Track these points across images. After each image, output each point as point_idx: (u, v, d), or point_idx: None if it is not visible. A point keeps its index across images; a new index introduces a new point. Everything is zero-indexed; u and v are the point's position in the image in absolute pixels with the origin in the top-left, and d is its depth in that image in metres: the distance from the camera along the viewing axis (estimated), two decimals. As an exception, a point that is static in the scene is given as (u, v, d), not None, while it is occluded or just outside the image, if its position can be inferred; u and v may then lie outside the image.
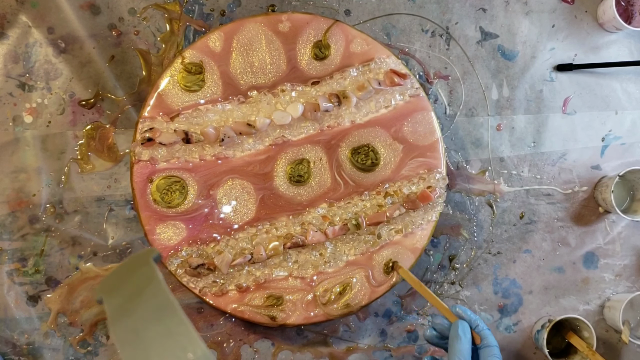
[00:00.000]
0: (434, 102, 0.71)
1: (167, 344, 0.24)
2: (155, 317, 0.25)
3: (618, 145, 0.74)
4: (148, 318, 0.25)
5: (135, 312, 0.26)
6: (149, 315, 0.26)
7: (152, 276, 0.27)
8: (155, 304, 0.26)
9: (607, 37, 0.73)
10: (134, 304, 0.26)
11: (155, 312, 0.26)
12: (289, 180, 0.65)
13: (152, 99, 0.63)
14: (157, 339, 0.25)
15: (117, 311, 0.27)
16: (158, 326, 0.25)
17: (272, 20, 0.65)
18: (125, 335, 0.26)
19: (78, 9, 0.66)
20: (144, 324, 0.25)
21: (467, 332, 0.53)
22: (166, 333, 0.24)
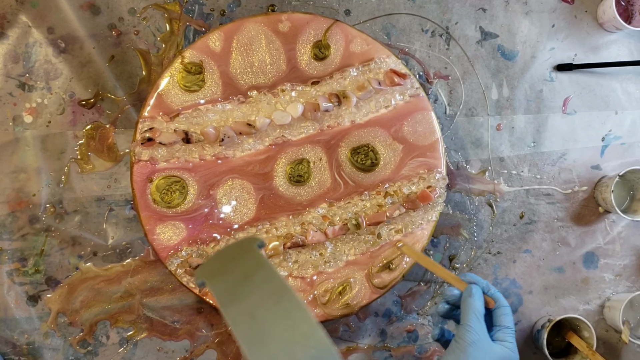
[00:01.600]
0: (434, 102, 0.71)
1: (285, 325, 0.24)
2: (271, 300, 0.25)
3: (618, 145, 0.74)
4: (263, 301, 0.26)
5: (248, 296, 0.26)
6: (264, 299, 0.26)
7: (260, 262, 0.27)
8: (270, 289, 0.26)
9: (607, 37, 0.73)
10: (244, 288, 0.26)
11: (270, 296, 0.26)
12: (289, 180, 0.65)
13: (152, 99, 0.63)
14: (275, 320, 0.25)
15: (226, 295, 0.27)
16: (275, 309, 0.25)
17: (272, 20, 0.65)
18: (240, 317, 0.26)
19: (78, 9, 0.66)
20: (259, 307, 0.25)
21: (479, 293, 0.53)
22: (284, 315, 0.25)
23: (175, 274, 0.63)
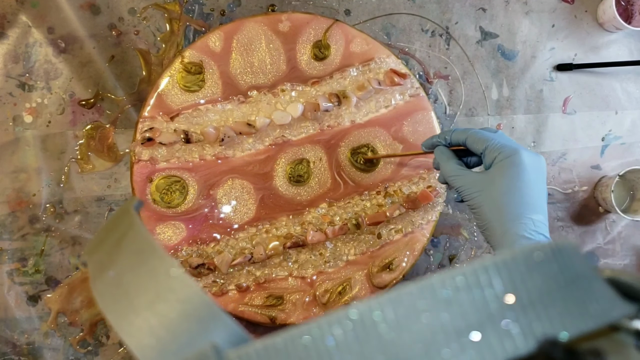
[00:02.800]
0: (434, 102, 0.71)
1: (150, 285, 0.22)
2: (137, 261, 0.23)
3: (618, 145, 0.74)
4: (130, 265, 0.23)
5: (113, 263, 0.23)
6: (131, 262, 0.23)
7: (131, 223, 0.24)
8: (136, 249, 0.23)
9: (607, 37, 0.73)
10: (113, 255, 0.24)
11: (136, 256, 0.23)
12: (289, 180, 0.65)
13: (152, 99, 0.63)
14: (140, 282, 0.22)
15: (97, 268, 0.24)
16: (140, 270, 0.22)
17: (272, 20, 0.65)
18: (105, 288, 0.23)
19: (78, 9, 0.66)
20: (126, 272, 0.23)
21: (444, 151, 0.52)
22: (149, 274, 0.22)
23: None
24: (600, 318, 0.20)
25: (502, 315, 0.19)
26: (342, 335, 0.18)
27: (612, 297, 0.21)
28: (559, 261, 0.20)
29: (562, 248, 0.21)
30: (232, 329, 0.20)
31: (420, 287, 0.19)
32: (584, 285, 0.20)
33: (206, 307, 0.20)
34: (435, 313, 0.18)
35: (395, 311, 0.18)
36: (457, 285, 0.19)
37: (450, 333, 0.18)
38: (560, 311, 0.19)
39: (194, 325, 0.20)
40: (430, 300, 0.19)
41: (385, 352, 0.18)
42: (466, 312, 0.18)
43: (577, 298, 0.20)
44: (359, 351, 0.18)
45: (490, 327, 0.18)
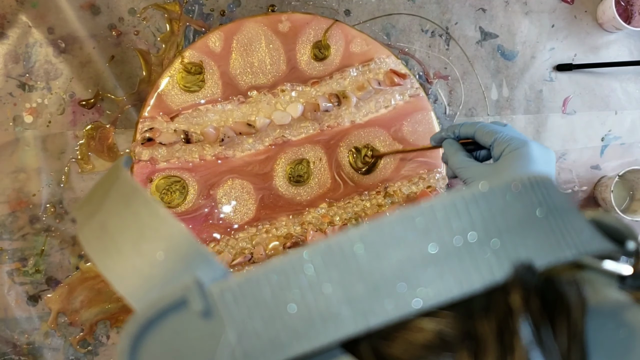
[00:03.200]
0: (434, 102, 0.71)
1: (134, 227, 0.22)
2: (121, 205, 0.23)
3: (618, 145, 0.74)
4: (115, 209, 0.23)
5: (101, 210, 0.23)
6: (116, 207, 0.23)
7: (118, 174, 0.24)
8: (122, 194, 0.23)
9: (607, 37, 0.73)
10: (99, 205, 0.24)
11: (121, 201, 0.23)
12: (289, 180, 0.65)
13: (152, 99, 0.63)
14: (124, 225, 0.22)
15: (84, 217, 0.24)
16: (125, 213, 0.22)
17: (272, 20, 0.65)
18: (91, 234, 0.23)
19: (78, 9, 0.66)
20: (110, 217, 0.23)
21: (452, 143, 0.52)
22: (133, 217, 0.22)
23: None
24: (578, 249, 0.20)
25: (479, 243, 0.19)
26: (321, 264, 0.18)
27: (591, 231, 0.22)
28: (537, 193, 0.20)
29: (541, 180, 0.21)
30: (215, 266, 0.20)
31: (399, 217, 0.19)
32: (563, 217, 0.21)
33: (190, 244, 0.21)
34: (413, 242, 0.19)
35: (374, 240, 0.19)
36: (436, 216, 0.19)
37: (428, 260, 0.18)
38: (538, 240, 0.19)
39: (178, 263, 0.21)
40: (408, 230, 0.19)
41: (365, 279, 0.18)
42: (444, 241, 0.19)
43: (555, 228, 0.20)
44: (338, 279, 0.18)
45: (468, 255, 0.18)
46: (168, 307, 0.19)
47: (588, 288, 0.22)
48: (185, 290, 0.19)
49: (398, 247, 0.19)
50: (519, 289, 0.18)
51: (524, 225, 0.19)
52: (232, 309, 0.19)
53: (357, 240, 0.19)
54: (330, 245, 0.19)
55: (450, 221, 0.19)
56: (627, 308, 0.20)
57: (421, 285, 0.18)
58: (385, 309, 0.18)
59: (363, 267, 0.18)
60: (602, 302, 0.21)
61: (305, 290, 0.18)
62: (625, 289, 0.22)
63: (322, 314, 0.18)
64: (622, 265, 0.22)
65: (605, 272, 0.23)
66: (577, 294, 0.19)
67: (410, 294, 0.18)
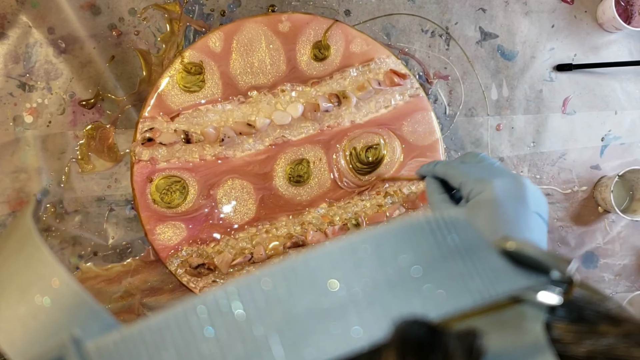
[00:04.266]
0: (434, 102, 0.71)
1: (25, 273, 0.21)
2: (15, 250, 0.22)
3: (617, 145, 0.74)
4: (8, 254, 0.22)
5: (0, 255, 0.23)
6: (9, 251, 0.22)
7: (19, 215, 0.23)
8: (17, 238, 0.22)
9: (607, 37, 0.73)
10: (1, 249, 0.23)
11: (15, 246, 0.22)
12: (289, 180, 0.65)
13: (152, 99, 0.63)
14: (17, 271, 0.21)
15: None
16: (18, 258, 0.21)
17: (272, 20, 0.65)
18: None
19: (78, 9, 0.66)
20: (4, 262, 0.22)
21: (430, 183, 0.51)
22: (25, 262, 0.21)
23: (176, 273, 0.63)
24: (480, 294, 0.19)
25: (366, 296, 0.17)
26: (197, 324, 0.18)
27: (500, 270, 0.20)
28: (437, 235, 0.19)
29: (442, 220, 0.19)
30: (104, 319, 0.19)
31: (281, 269, 0.18)
32: (465, 258, 0.19)
33: (76, 296, 0.20)
34: (295, 296, 0.17)
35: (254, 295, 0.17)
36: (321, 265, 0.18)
37: (313, 315, 0.17)
38: (435, 288, 0.18)
39: (64, 315, 0.20)
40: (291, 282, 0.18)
41: (245, 340, 0.17)
42: (329, 293, 0.17)
43: (455, 273, 0.19)
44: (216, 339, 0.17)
45: (353, 308, 0.17)
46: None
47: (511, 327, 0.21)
48: (61, 349, 0.18)
49: (280, 302, 0.17)
50: (394, 349, 0.16)
51: (419, 272, 0.18)
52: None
53: (235, 295, 0.17)
54: (206, 301, 0.18)
55: (336, 270, 0.17)
56: (539, 353, 0.19)
57: (305, 344, 0.17)
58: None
59: (241, 326, 0.17)
60: (516, 346, 0.20)
61: (181, 351, 0.17)
62: (554, 321, 0.21)
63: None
64: (549, 295, 0.21)
65: (538, 304, 0.21)
66: (466, 348, 0.17)
67: (293, 353, 0.17)
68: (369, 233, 0.18)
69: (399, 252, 0.18)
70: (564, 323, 0.21)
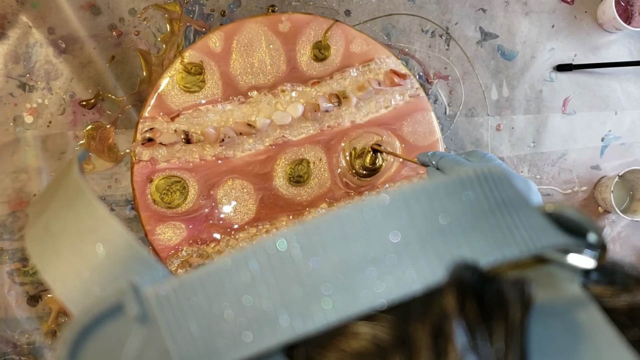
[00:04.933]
0: (434, 102, 0.71)
1: (75, 227, 0.21)
2: (66, 205, 0.22)
3: (618, 146, 0.74)
4: (59, 209, 0.22)
5: (47, 210, 0.23)
6: (60, 207, 0.22)
7: (67, 171, 0.24)
8: (67, 193, 0.22)
9: (607, 37, 0.73)
10: (48, 204, 0.23)
11: (66, 200, 0.22)
12: (289, 180, 0.65)
13: (152, 99, 0.63)
14: (66, 225, 0.21)
15: (33, 217, 0.23)
16: (68, 213, 0.22)
17: (272, 20, 0.65)
18: (35, 235, 0.22)
19: (78, 9, 0.66)
20: (54, 217, 0.22)
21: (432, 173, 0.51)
22: (75, 216, 0.21)
23: (176, 274, 0.63)
24: (527, 246, 0.19)
25: (420, 242, 0.18)
26: (258, 268, 0.18)
27: (544, 226, 0.21)
28: (485, 187, 0.19)
29: (489, 174, 0.20)
30: (156, 269, 0.20)
31: (337, 216, 0.18)
32: (513, 212, 0.19)
33: (128, 247, 0.20)
34: (352, 242, 0.18)
35: (311, 240, 0.18)
36: (375, 214, 0.18)
37: (367, 261, 0.18)
38: (483, 237, 0.18)
39: (117, 266, 0.20)
40: (347, 229, 0.18)
41: (302, 282, 0.17)
42: (383, 241, 0.18)
43: (503, 224, 0.19)
44: (275, 283, 0.18)
45: (407, 254, 0.18)
46: (104, 312, 0.19)
47: (545, 283, 0.21)
48: (121, 295, 0.19)
49: (336, 247, 0.18)
50: (454, 290, 0.17)
51: (468, 222, 0.18)
52: (167, 314, 0.18)
53: (293, 240, 0.18)
54: (265, 246, 0.18)
55: (390, 219, 0.18)
56: (582, 306, 0.20)
57: (360, 287, 0.17)
58: (323, 312, 0.17)
59: (300, 269, 0.18)
60: (556, 299, 0.20)
61: (241, 295, 0.18)
62: (589, 284, 0.21)
63: (259, 319, 0.17)
64: (584, 259, 0.21)
65: (569, 267, 0.22)
66: (519, 294, 0.18)
67: (348, 296, 0.17)
68: (421, 187, 0.18)
69: (449, 204, 0.18)
70: (598, 285, 0.21)
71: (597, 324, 0.19)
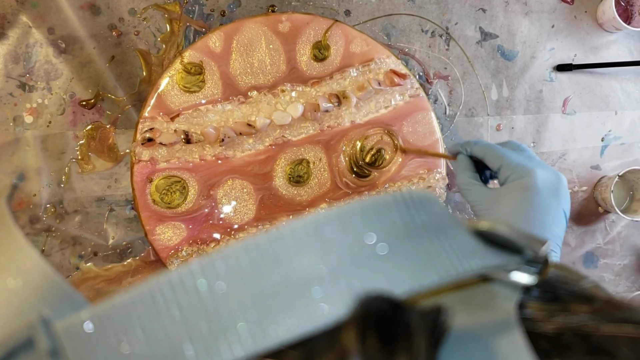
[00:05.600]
0: (434, 102, 0.71)
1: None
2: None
3: (617, 145, 0.74)
4: None
5: None
6: None
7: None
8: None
9: (607, 37, 0.73)
10: None
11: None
12: (289, 180, 0.65)
13: (152, 99, 0.63)
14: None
15: None
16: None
17: (272, 20, 0.65)
18: None
19: (78, 9, 0.66)
20: None
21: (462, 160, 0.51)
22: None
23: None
24: (447, 272, 0.18)
25: (331, 273, 0.17)
26: (163, 302, 0.17)
27: (472, 248, 0.20)
28: (404, 212, 0.19)
29: (410, 198, 0.19)
30: (73, 300, 0.19)
31: (245, 246, 0.18)
32: (437, 235, 0.19)
33: (45, 276, 0.20)
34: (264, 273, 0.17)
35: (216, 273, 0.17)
36: (285, 243, 0.17)
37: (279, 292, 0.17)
38: (400, 265, 0.18)
39: (34, 296, 0.19)
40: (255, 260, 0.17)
41: (208, 316, 0.17)
42: (295, 271, 0.17)
43: (421, 251, 0.18)
44: (180, 318, 0.17)
45: (319, 285, 0.17)
46: (16, 346, 0.18)
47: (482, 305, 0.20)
48: (30, 329, 0.18)
49: (243, 280, 0.17)
50: (355, 325, 0.16)
51: (385, 249, 0.18)
52: (77, 349, 0.18)
53: (199, 274, 0.17)
54: (171, 280, 0.17)
55: (300, 250, 0.17)
56: (507, 330, 0.19)
57: (269, 321, 0.17)
58: (230, 348, 0.17)
59: (207, 303, 0.17)
60: (483, 323, 0.19)
61: (147, 329, 0.17)
62: (529, 300, 0.20)
63: (165, 355, 0.17)
64: (521, 276, 0.21)
65: (511, 284, 0.21)
66: (430, 323, 0.17)
67: (257, 331, 0.17)
68: (335, 211, 0.18)
69: (364, 230, 0.18)
70: (537, 302, 0.20)
71: (517, 351, 0.18)
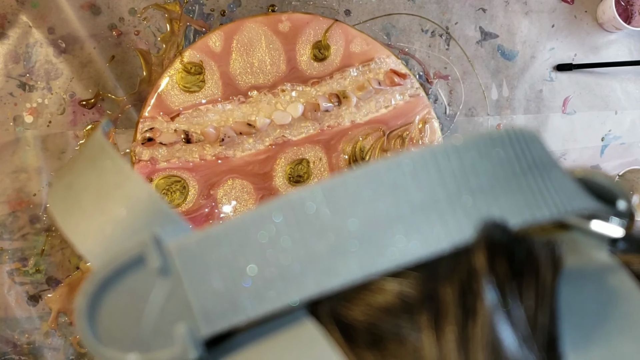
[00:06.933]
0: (434, 102, 0.71)
1: (98, 184, 0.21)
2: (88, 163, 0.22)
3: (618, 145, 0.74)
4: (82, 168, 0.22)
5: (70, 170, 0.23)
6: (83, 166, 0.22)
7: (91, 137, 0.23)
8: (88, 154, 0.22)
9: (607, 37, 0.73)
10: (72, 166, 0.23)
11: (89, 159, 0.22)
12: (289, 180, 0.65)
13: (152, 99, 0.63)
14: (90, 183, 0.21)
15: (56, 182, 0.23)
16: (91, 171, 0.21)
17: (272, 20, 0.65)
18: (58, 195, 0.22)
19: (78, 9, 0.66)
20: (78, 176, 0.22)
21: None
22: (99, 174, 0.21)
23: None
24: (557, 208, 0.18)
25: (449, 201, 0.17)
26: (282, 222, 0.17)
27: (575, 190, 0.20)
28: (516, 147, 0.19)
29: (521, 134, 0.19)
30: (179, 223, 0.19)
31: (365, 172, 0.18)
32: (544, 174, 0.19)
33: (152, 201, 0.20)
34: (380, 199, 0.17)
35: (337, 196, 0.17)
36: (404, 171, 0.18)
37: (395, 219, 0.17)
38: (513, 198, 0.18)
39: (140, 220, 0.20)
40: (375, 186, 0.18)
41: (327, 237, 0.17)
42: (412, 198, 0.17)
43: (534, 186, 0.18)
44: (300, 238, 0.17)
45: (436, 213, 0.17)
46: (125, 264, 0.18)
47: (571, 249, 0.20)
48: (142, 247, 0.18)
49: (363, 204, 0.17)
50: (484, 248, 0.17)
51: (499, 182, 0.18)
52: (190, 267, 0.18)
53: (320, 196, 0.17)
54: (291, 200, 0.17)
55: (418, 177, 0.17)
56: (612, 271, 0.19)
57: (386, 244, 0.17)
58: (348, 268, 0.17)
59: (325, 224, 0.17)
60: (584, 264, 0.20)
61: (266, 249, 0.17)
62: (616, 252, 0.21)
63: (283, 274, 0.17)
64: (611, 227, 0.21)
65: (596, 234, 0.21)
66: (550, 254, 0.17)
67: (374, 252, 0.17)
68: (451, 145, 0.18)
69: (479, 163, 0.18)
70: (625, 254, 0.21)
71: (629, 290, 0.18)
